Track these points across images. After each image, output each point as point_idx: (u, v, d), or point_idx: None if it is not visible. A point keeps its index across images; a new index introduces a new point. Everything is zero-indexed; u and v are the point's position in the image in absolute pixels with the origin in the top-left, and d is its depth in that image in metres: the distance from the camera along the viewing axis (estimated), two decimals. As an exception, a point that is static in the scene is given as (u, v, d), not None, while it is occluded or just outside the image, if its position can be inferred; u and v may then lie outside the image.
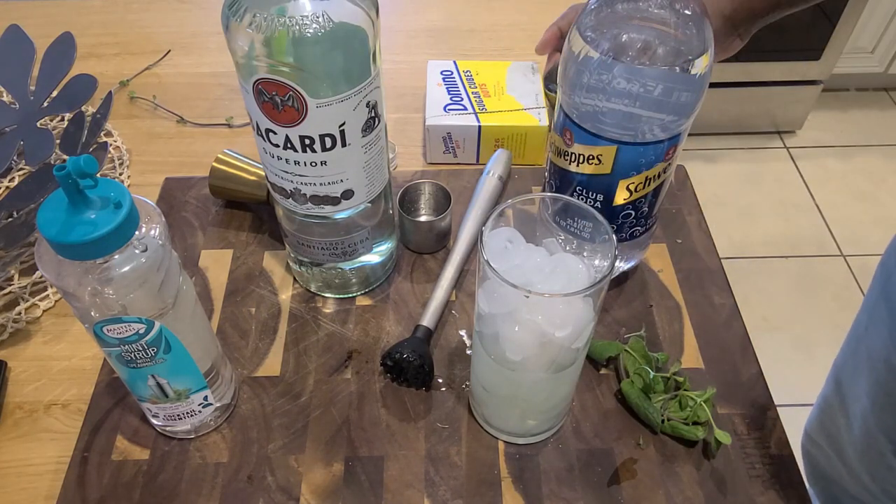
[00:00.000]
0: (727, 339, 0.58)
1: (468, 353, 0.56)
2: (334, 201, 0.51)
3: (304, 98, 0.44)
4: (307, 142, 0.47)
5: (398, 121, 0.79)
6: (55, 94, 0.72)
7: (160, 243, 0.40)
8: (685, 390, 0.52)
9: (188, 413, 0.49)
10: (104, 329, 0.41)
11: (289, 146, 0.47)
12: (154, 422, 0.51)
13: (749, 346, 0.57)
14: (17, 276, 0.63)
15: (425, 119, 0.71)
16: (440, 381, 0.55)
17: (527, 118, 0.71)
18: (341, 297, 0.60)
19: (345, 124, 0.47)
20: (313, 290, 0.61)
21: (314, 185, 0.50)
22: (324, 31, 0.41)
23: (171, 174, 0.71)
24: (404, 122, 0.79)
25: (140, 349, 0.42)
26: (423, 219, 0.64)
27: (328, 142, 0.47)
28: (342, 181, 0.50)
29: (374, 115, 0.48)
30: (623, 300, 0.60)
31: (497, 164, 0.66)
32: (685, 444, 0.51)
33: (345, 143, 0.48)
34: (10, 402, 0.55)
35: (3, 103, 0.75)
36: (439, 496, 0.49)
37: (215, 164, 0.65)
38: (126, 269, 0.38)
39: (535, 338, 0.42)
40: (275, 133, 0.47)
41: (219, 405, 0.51)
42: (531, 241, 0.45)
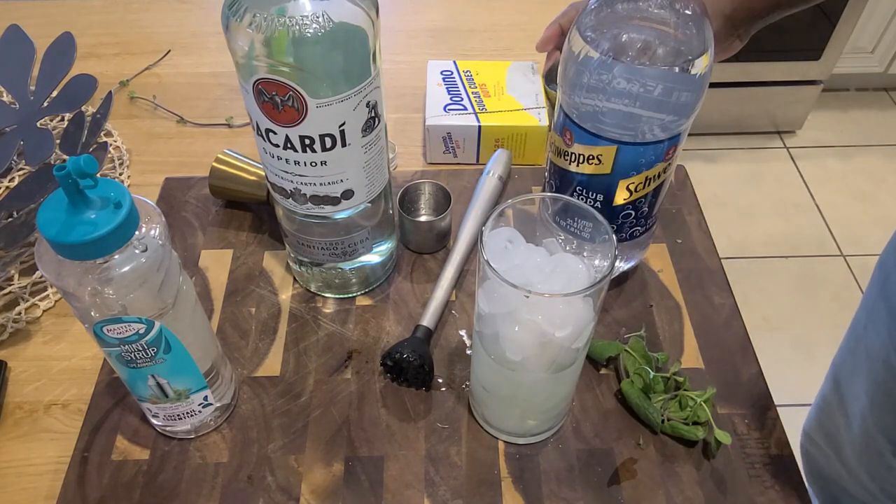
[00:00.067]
0: (727, 339, 0.58)
1: (468, 353, 0.56)
2: (334, 201, 0.51)
3: (304, 98, 0.44)
4: (307, 142, 0.47)
5: (398, 121, 0.79)
6: (55, 94, 0.72)
7: (160, 243, 0.40)
8: (685, 390, 0.52)
9: (188, 413, 0.49)
10: (104, 329, 0.41)
11: (289, 146, 0.47)
12: (154, 422, 0.51)
13: (749, 346, 0.57)
14: (17, 276, 0.63)
15: (425, 119, 0.71)
16: (440, 381, 0.55)
17: (527, 118, 0.71)
18: (341, 297, 0.60)
19: (345, 124, 0.47)
20: (313, 290, 0.61)
21: (314, 185, 0.50)
22: (324, 31, 0.41)
23: (171, 174, 0.71)
24: (404, 122, 0.79)
25: (140, 349, 0.42)
26: (423, 219, 0.64)
27: (328, 142, 0.47)
28: (342, 181, 0.50)
29: (374, 115, 0.48)
30: (623, 300, 0.60)
31: (497, 164, 0.66)
32: (685, 444, 0.51)
33: (345, 143, 0.48)
34: (10, 402, 0.55)
35: (3, 103, 0.75)
36: (439, 496, 0.49)
37: (215, 164, 0.65)
38: (126, 269, 0.38)
39: (535, 338, 0.42)
40: (275, 133, 0.47)
41: (219, 405, 0.51)
42: (531, 241, 0.45)
